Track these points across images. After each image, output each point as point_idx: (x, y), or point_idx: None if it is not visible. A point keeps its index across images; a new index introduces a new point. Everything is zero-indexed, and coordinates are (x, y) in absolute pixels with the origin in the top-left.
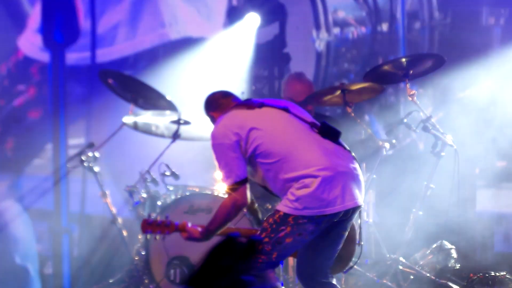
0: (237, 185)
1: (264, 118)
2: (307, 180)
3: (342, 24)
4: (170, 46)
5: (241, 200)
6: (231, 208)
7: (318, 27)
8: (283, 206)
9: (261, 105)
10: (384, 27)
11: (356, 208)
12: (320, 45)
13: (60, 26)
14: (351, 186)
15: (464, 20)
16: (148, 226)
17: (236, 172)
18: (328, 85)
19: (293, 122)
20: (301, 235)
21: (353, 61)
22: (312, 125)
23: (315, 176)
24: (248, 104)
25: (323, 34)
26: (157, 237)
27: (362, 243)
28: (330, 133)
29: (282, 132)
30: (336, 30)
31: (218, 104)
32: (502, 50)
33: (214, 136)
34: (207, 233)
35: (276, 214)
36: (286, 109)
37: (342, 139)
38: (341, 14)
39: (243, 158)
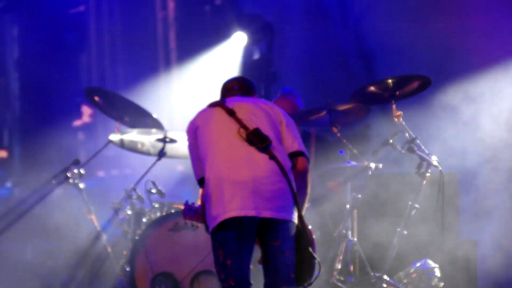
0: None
1: (209, 118)
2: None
3: None
4: None
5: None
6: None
7: None
8: None
9: (219, 104)
10: None
11: (265, 220)
12: None
13: None
14: (244, 195)
15: None
16: (190, 212)
17: (195, 172)
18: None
19: (224, 125)
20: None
21: None
22: (246, 130)
23: (208, 182)
24: (215, 102)
25: None
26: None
27: (317, 259)
28: (255, 140)
29: (209, 133)
30: None
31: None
32: None
33: None
34: None
35: None
36: (231, 112)
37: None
38: None
39: (197, 158)
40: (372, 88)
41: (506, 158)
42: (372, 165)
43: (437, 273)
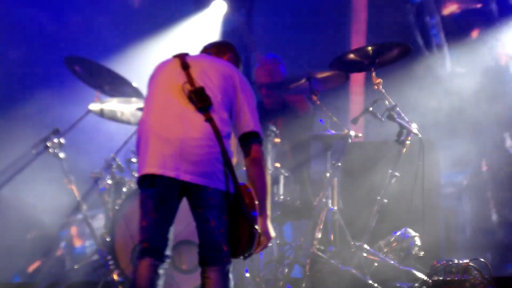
0: None
1: (163, 68)
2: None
3: None
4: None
5: None
6: None
7: None
8: None
9: (179, 56)
10: None
11: (186, 183)
12: None
13: None
14: (167, 153)
15: None
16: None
17: None
18: None
19: (172, 77)
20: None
21: None
22: (190, 87)
23: (138, 133)
24: (178, 54)
25: None
26: None
27: (259, 230)
28: (195, 99)
29: (156, 83)
30: None
31: None
32: None
33: None
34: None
35: None
36: (186, 65)
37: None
38: None
39: None
40: (351, 56)
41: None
42: (352, 133)
43: (418, 241)
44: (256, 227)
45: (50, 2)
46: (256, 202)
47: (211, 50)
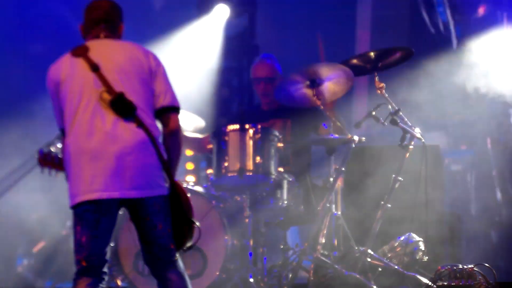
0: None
1: (72, 73)
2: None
3: None
4: None
5: None
6: None
7: None
8: None
9: (83, 55)
10: None
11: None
12: None
13: None
14: (107, 174)
15: None
16: (47, 160)
17: (57, 121)
18: None
19: (87, 84)
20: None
21: None
22: (109, 95)
23: (67, 150)
24: (79, 51)
25: None
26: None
27: (197, 224)
28: (119, 109)
29: (71, 92)
30: None
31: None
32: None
33: None
34: None
35: None
36: (95, 67)
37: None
38: None
39: (58, 108)
40: (354, 61)
41: None
42: (355, 137)
43: (421, 246)
44: (194, 221)
45: None
46: (189, 195)
47: (106, 31)
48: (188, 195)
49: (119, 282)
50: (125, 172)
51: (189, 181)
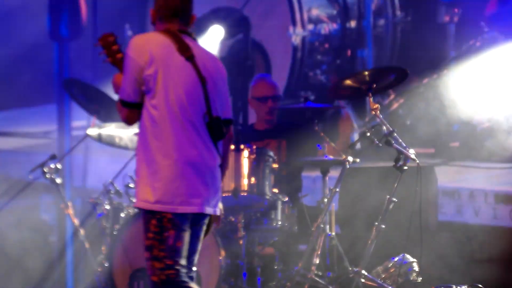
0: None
1: (179, 73)
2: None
3: (316, 21)
4: None
5: None
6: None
7: (294, 24)
8: None
9: (190, 58)
10: (353, 23)
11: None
12: (296, 40)
13: (65, 21)
14: (213, 192)
15: (423, 18)
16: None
17: (128, 92)
18: (304, 75)
19: (195, 98)
20: None
21: (325, 53)
22: (209, 116)
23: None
24: (186, 50)
25: (299, 30)
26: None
27: None
28: (212, 133)
29: (175, 94)
30: (310, 26)
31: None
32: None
33: None
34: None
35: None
36: (203, 80)
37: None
38: (315, 12)
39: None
40: (348, 82)
41: None
42: (350, 158)
43: (415, 267)
44: None
45: None
46: None
47: (179, 25)
48: None
49: None
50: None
51: None
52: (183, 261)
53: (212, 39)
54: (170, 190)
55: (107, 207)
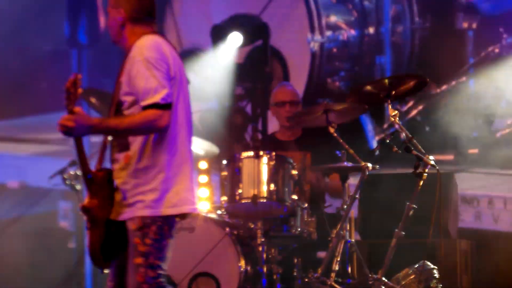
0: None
1: (183, 90)
2: None
3: (334, 27)
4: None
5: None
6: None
7: (312, 30)
8: None
9: (187, 79)
10: (371, 30)
11: None
12: (314, 46)
13: (83, 28)
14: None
15: (442, 24)
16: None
17: (168, 91)
18: (322, 81)
19: (188, 110)
20: None
21: (343, 60)
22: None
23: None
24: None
25: (317, 36)
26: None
27: None
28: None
29: (180, 107)
30: (328, 33)
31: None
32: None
33: None
34: (107, 127)
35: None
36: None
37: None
38: (333, 19)
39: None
40: (368, 88)
41: None
42: (369, 165)
43: (436, 274)
44: None
45: None
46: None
47: (156, 27)
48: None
49: None
50: None
51: (202, 209)
52: None
53: (231, 46)
54: (183, 196)
55: None
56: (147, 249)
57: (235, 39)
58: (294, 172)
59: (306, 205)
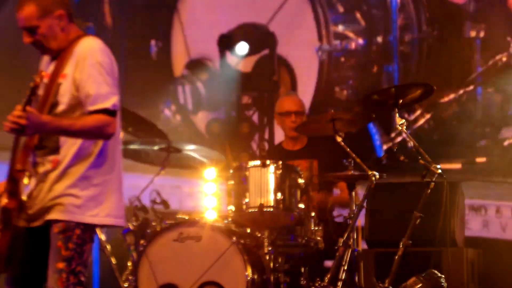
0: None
1: None
2: None
3: (342, 36)
4: None
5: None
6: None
7: (320, 39)
8: None
9: None
10: (379, 39)
11: None
12: (322, 55)
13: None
14: None
15: (449, 32)
16: None
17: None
18: (330, 90)
19: None
20: None
21: (351, 68)
22: None
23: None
24: None
25: (325, 45)
26: None
27: None
28: None
29: None
30: (336, 42)
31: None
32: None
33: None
34: (58, 126)
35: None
36: None
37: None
38: (341, 27)
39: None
40: (375, 96)
41: None
42: (376, 174)
43: (443, 283)
44: None
45: None
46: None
47: None
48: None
49: None
50: None
51: (209, 218)
52: None
53: (238, 55)
54: (119, 205)
55: (133, 222)
56: (70, 253)
57: (242, 48)
58: (301, 180)
59: (313, 214)
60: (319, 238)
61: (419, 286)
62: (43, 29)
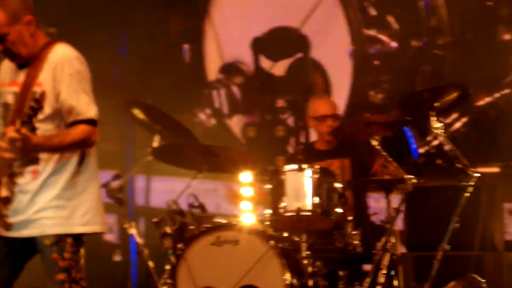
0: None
1: None
2: None
3: (375, 40)
4: None
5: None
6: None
7: (353, 42)
8: None
9: None
10: (413, 42)
11: None
12: (356, 58)
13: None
14: None
15: (483, 35)
16: None
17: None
18: (364, 94)
19: None
20: None
21: (385, 72)
22: None
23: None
24: None
25: (358, 48)
26: None
27: None
28: None
29: None
30: (370, 45)
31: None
32: None
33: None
34: (50, 147)
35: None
36: None
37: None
38: (373, 31)
39: None
40: (411, 100)
41: None
42: (413, 178)
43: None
44: None
45: None
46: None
47: None
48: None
49: None
50: None
51: (246, 222)
52: None
53: (271, 59)
54: (102, 211)
55: (171, 226)
56: (68, 263)
57: (276, 52)
58: (338, 184)
59: (350, 218)
60: (357, 242)
61: None
62: (13, 36)
